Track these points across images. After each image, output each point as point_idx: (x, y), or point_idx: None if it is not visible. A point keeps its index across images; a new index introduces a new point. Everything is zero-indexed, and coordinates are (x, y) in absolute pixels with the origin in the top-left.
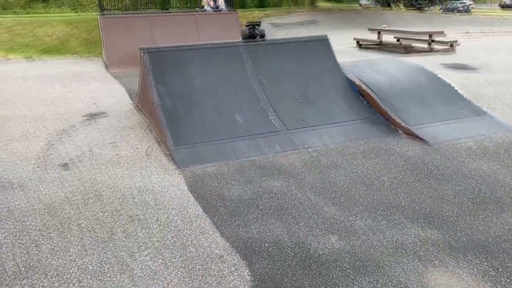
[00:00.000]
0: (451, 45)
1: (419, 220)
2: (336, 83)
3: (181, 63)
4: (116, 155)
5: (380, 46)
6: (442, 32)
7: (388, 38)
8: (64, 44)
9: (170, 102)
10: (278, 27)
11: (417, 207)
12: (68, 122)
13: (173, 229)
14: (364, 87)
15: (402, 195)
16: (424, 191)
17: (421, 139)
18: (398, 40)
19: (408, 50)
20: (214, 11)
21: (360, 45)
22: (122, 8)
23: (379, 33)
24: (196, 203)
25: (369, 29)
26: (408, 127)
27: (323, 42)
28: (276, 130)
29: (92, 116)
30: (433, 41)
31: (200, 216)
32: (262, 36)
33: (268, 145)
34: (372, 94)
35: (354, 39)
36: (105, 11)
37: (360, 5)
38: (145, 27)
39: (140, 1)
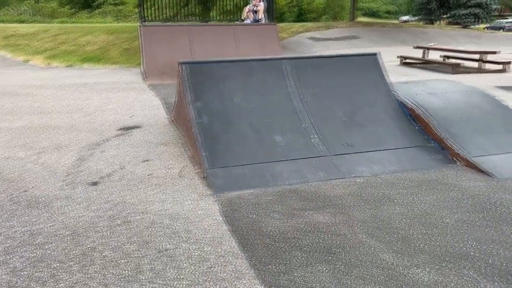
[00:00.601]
0: (504, 65)
1: (495, 277)
2: (386, 105)
3: (220, 78)
4: (149, 175)
5: (425, 64)
6: (494, 52)
7: (433, 56)
8: (104, 54)
9: (207, 120)
10: (318, 41)
11: (490, 260)
12: (102, 135)
13: (205, 269)
14: (417, 110)
15: (470, 243)
16: (496, 238)
17: (484, 172)
18: (444, 59)
19: (456, 69)
20: (253, 23)
21: (404, 62)
22: (162, 18)
23: (425, 50)
24: (232, 238)
25: (415, 47)
26: (469, 158)
27: (373, 59)
28: (320, 154)
29: (126, 130)
30: (484, 61)
31: (237, 255)
32: None
33: (310, 171)
34: (426, 119)
35: (399, 56)
36: (146, 21)
37: (399, 21)
38: (184, 38)
39: (180, 12)
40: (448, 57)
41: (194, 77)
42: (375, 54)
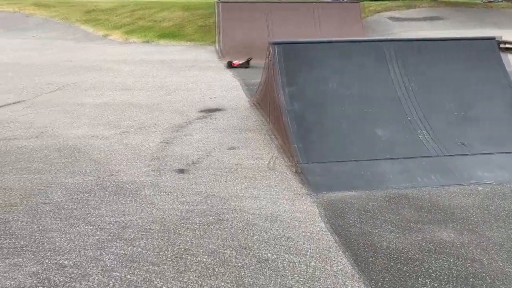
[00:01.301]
0: None
1: None
2: (506, 97)
3: (315, 60)
4: (236, 164)
5: None
6: None
7: None
8: (180, 30)
9: (299, 107)
10: (398, 21)
11: None
12: (184, 117)
13: None
14: None
15: None
16: None
17: None
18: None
19: None
20: (334, 1)
21: (505, 48)
22: None
23: None
24: (342, 253)
25: None
26: None
27: (489, 44)
28: (430, 154)
29: (209, 112)
30: None
31: (351, 277)
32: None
33: (421, 174)
34: None
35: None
36: None
37: (482, 1)
38: (262, 17)
39: None
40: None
41: (287, 59)
42: (492, 38)
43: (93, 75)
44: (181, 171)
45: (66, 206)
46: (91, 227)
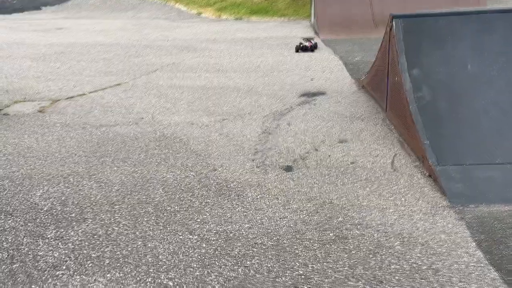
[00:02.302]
0: None
1: None
2: None
3: (445, 36)
4: (351, 163)
5: None
6: None
7: None
8: (271, 5)
9: (429, 94)
10: None
11: None
12: (284, 102)
13: None
14: None
15: None
16: None
17: None
18: None
19: None
20: None
21: None
22: None
23: None
24: None
25: None
26: None
27: None
28: None
29: (310, 96)
30: None
31: None
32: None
33: None
34: None
35: None
36: None
37: None
38: None
39: None
40: None
41: (412, 35)
42: None
43: (188, 55)
44: (288, 168)
45: (168, 208)
46: (195, 236)
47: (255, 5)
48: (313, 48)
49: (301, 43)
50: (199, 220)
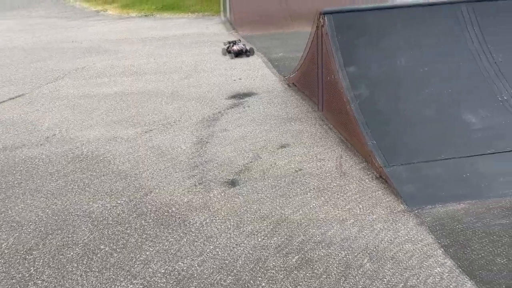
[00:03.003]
0: None
1: None
2: None
3: (377, 31)
4: (298, 171)
5: None
6: None
7: None
8: (181, 1)
9: (366, 91)
10: None
11: None
12: (214, 106)
13: None
14: None
15: None
16: None
17: None
18: None
19: None
20: None
21: None
22: None
23: None
24: None
25: None
26: None
27: None
28: None
29: (240, 98)
30: None
31: None
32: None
33: None
34: None
35: None
36: None
37: None
38: None
39: None
40: None
41: (343, 31)
42: None
43: (98, 58)
44: (234, 182)
45: (101, 248)
46: (140, 281)
47: (164, 1)
48: (248, 52)
49: (228, 47)
50: (140, 259)
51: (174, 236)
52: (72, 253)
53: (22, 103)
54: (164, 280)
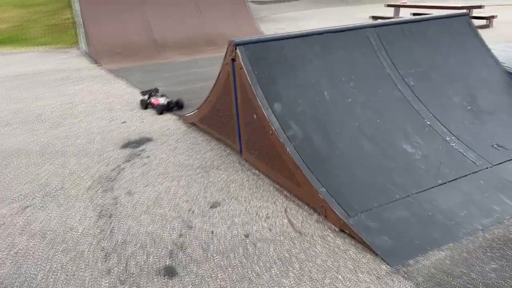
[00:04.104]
0: (487, 20)
1: None
2: (504, 83)
3: (294, 62)
4: (246, 238)
5: None
6: (480, 7)
7: (404, 13)
8: (22, 33)
9: (300, 132)
10: (262, 4)
11: None
12: (103, 161)
13: None
14: None
15: None
16: None
17: None
18: (415, 15)
19: None
20: None
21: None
22: None
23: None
24: None
25: (388, 5)
26: None
27: (464, 21)
28: (477, 168)
29: (135, 146)
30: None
31: None
32: (179, 105)
33: (490, 199)
34: None
35: (372, 16)
36: None
37: None
38: (135, 8)
39: None
40: (416, 14)
41: (260, 64)
42: (465, 14)
43: None
44: (170, 271)
45: None
46: None
47: (1, 34)
48: (178, 104)
49: (148, 98)
50: None
51: None
52: None
53: None
54: None
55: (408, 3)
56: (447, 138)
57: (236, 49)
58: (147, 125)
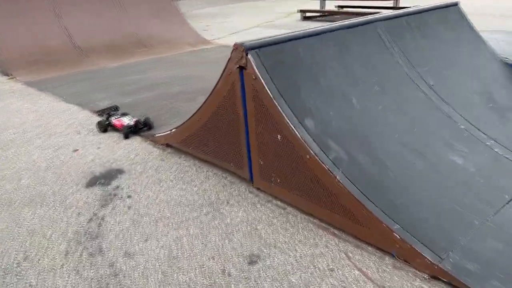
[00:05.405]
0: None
1: None
2: (503, 74)
3: (314, 66)
4: None
5: (337, 16)
6: None
7: (329, 6)
8: None
9: (343, 154)
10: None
11: None
12: (74, 208)
13: None
14: None
15: None
16: None
17: None
18: (339, 9)
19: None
20: None
21: (306, 17)
22: None
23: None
24: None
25: None
26: None
27: (457, 11)
28: None
29: (103, 183)
30: (397, 8)
31: None
32: (148, 125)
33: None
34: None
35: (300, 10)
36: None
37: None
38: (46, 10)
39: None
40: (342, 7)
41: (278, 72)
42: (456, 3)
43: None
44: None
45: None
46: None
47: None
48: (146, 125)
49: (107, 119)
50: None
51: None
52: None
53: None
54: None
55: None
56: (488, 143)
57: (247, 54)
58: (107, 152)
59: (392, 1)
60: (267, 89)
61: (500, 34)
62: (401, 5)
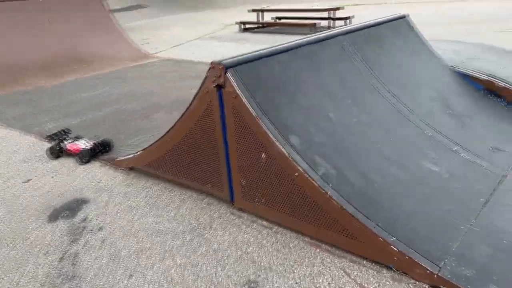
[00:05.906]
0: (345, 20)
1: None
2: (454, 82)
3: (287, 81)
4: None
5: (275, 27)
6: (338, 9)
7: (268, 18)
8: None
9: (331, 168)
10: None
11: None
12: (40, 247)
13: None
14: (497, 83)
15: None
16: None
17: None
18: (276, 20)
19: (313, 29)
20: None
21: (245, 28)
22: None
23: (259, 13)
24: None
25: (252, 10)
26: None
27: (405, 23)
28: (496, 176)
29: (68, 214)
30: (333, 18)
31: None
32: (109, 147)
33: None
34: None
35: (238, 22)
36: None
37: None
38: None
39: None
40: (280, 18)
41: (257, 90)
42: (404, 16)
43: None
44: None
45: None
46: None
47: None
48: (107, 147)
49: (58, 144)
50: None
51: None
52: None
53: None
54: None
55: (272, 7)
56: (454, 149)
57: (226, 73)
58: (65, 180)
59: (327, 13)
60: (249, 107)
61: (444, 43)
62: (337, 16)
